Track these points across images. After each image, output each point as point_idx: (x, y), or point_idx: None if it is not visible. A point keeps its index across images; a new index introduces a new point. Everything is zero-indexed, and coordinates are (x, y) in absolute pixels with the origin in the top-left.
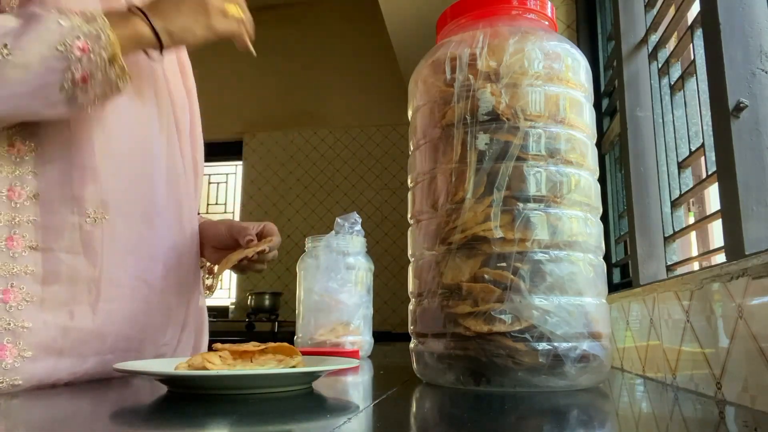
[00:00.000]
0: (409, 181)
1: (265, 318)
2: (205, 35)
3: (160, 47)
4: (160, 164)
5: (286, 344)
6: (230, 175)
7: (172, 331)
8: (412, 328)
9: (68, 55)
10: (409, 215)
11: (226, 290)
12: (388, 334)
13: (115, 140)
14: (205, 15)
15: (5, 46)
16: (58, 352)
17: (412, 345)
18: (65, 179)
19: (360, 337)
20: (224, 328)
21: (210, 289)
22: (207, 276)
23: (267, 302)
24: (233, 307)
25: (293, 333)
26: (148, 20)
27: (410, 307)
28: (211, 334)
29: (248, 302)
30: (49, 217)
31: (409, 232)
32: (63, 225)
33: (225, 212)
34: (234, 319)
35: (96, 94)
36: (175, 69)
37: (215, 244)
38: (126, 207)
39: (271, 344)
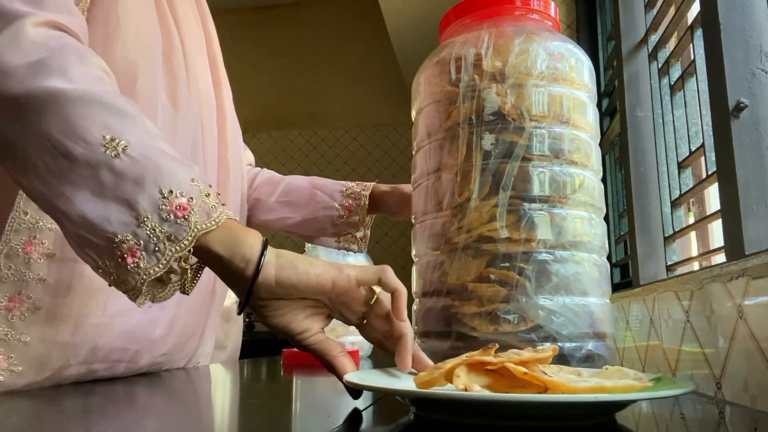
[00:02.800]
0: (412, 181)
1: None
2: (320, 281)
3: (249, 289)
4: None
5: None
6: None
7: (173, 341)
8: (415, 327)
9: (162, 206)
10: (412, 215)
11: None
12: None
13: None
14: (335, 268)
15: (125, 149)
16: (46, 363)
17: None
18: None
19: (360, 336)
20: None
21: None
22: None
23: None
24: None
25: None
26: (264, 247)
27: (414, 306)
28: None
29: None
30: None
31: (413, 232)
32: None
33: None
34: None
35: (125, 279)
36: (204, 62)
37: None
38: None
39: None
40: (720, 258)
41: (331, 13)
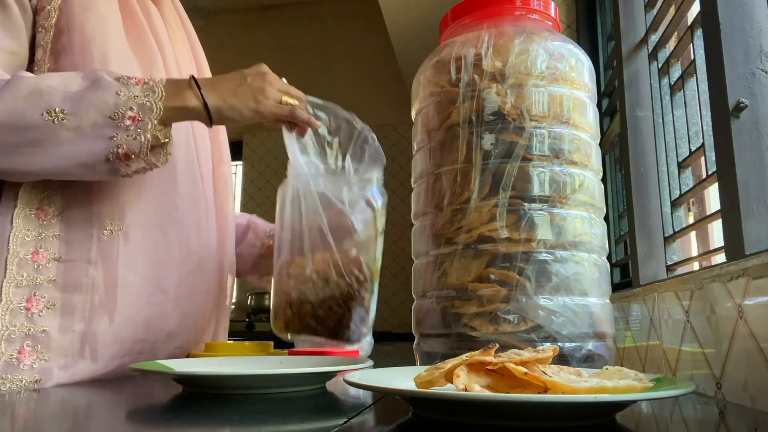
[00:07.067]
0: (412, 180)
1: (265, 318)
2: (252, 117)
3: (209, 122)
4: (176, 176)
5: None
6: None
7: (187, 335)
8: (415, 327)
9: (119, 123)
10: (412, 215)
11: None
12: (388, 334)
13: None
14: (256, 101)
15: (62, 111)
16: (77, 355)
17: (415, 344)
18: (86, 198)
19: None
20: None
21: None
22: None
23: (267, 302)
24: (233, 307)
25: None
26: (202, 95)
27: (414, 306)
28: None
29: (248, 302)
30: (72, 231)
31: (413, 232)
32: (83, 238)
33: None
34: (234, 319)
35: (137, 168)
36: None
37: None
38: (141, 220)
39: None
40: (720, 258)
41: (331, 13)
